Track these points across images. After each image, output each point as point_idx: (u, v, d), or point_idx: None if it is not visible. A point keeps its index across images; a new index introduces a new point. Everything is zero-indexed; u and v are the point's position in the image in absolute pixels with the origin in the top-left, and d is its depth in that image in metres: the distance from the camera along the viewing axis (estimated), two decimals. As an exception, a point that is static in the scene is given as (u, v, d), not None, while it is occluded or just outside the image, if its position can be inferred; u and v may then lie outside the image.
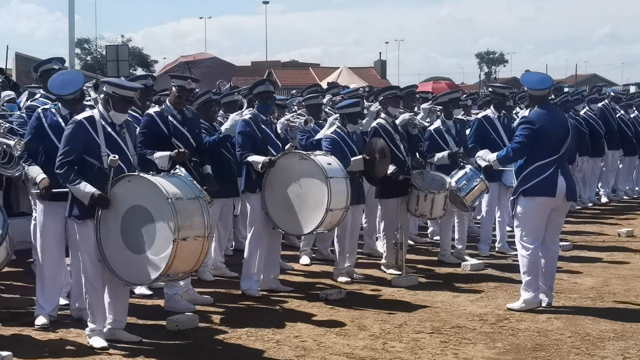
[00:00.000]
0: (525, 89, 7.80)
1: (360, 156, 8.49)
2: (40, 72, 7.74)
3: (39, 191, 6.59)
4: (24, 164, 6.92)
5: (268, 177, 7.86)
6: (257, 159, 7.86)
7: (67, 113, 6.80)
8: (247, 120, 8.06)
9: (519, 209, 7.43)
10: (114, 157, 6.09)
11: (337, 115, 8.96)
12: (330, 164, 7.81)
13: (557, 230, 7.74)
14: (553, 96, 14.63)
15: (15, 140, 6.83)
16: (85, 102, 7.23)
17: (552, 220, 7.51)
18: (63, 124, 6.72)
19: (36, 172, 6.70)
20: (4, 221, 6.17)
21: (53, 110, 6.84)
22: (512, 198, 7.53)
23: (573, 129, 7.65)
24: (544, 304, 7.47)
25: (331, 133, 8.61)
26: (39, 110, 6.91)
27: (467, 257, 9.65)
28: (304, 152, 7.96)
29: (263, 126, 8.11)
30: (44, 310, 6.83)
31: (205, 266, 8.54)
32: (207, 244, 6.23)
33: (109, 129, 6.33)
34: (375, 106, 10.46)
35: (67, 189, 6.33)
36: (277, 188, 7.84)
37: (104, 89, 6.41)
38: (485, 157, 8.04)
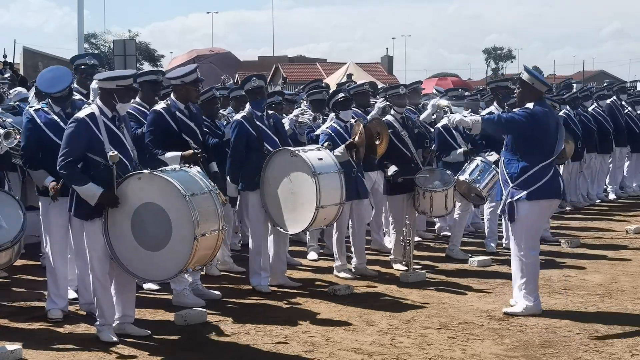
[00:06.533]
0: (532, 82, 7.08)
1: (342, 145, 8.28)
2: (75, 66, 7.95)
3: (50, 196, 6.63)
4: (26, 169, 6.97)
5: (265, 175, 7.82)
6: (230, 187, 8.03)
7: (59, 110, 6.81)
8: (240, 120, 7.99)
9: (522, 214, 6.94)
10: (114, 153, 6.04)
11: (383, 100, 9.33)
12: (321, 159, 7.70)
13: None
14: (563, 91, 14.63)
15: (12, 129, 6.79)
16: (74, 98, 7.21)
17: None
18: (58, 120, 6.75)
19: (43, 177, 6.73)
20: (23, 221, 6.24)
21: (45, 108, 6.83)
22: (509, 201, 6.99)
23: (561, 129, 7.23)
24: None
25: (327, 128, 8.59)
26: (31, 111, 6.87)
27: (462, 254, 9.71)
28: (295, 149, 7.87)
29: (258, 123, 8.02)
30: (57, 305, 6.86)
31: (212, 261, 8.56)
32: (221, 237, 6.29)
33: (110, 124, 6.30)
34: (380, 102, 10.45)
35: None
36: (273, 186, 7.80)
37: (106, 86, 6.30)
38: (466, 117, 7.34)
